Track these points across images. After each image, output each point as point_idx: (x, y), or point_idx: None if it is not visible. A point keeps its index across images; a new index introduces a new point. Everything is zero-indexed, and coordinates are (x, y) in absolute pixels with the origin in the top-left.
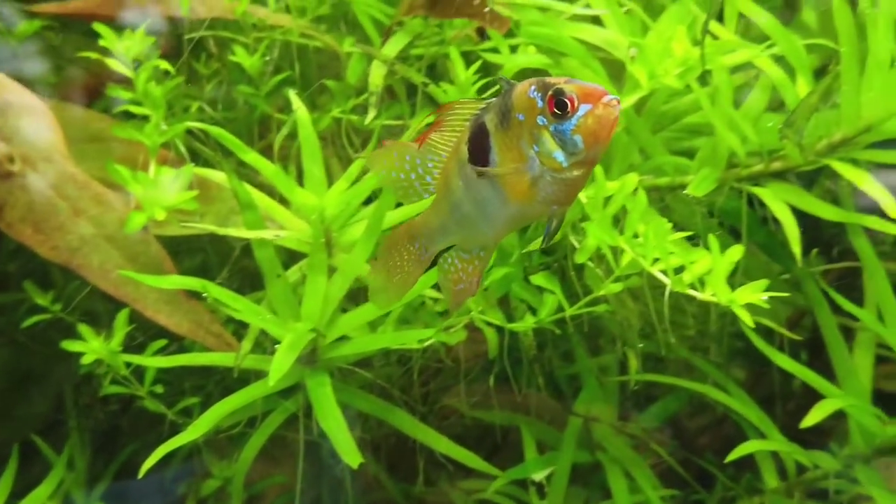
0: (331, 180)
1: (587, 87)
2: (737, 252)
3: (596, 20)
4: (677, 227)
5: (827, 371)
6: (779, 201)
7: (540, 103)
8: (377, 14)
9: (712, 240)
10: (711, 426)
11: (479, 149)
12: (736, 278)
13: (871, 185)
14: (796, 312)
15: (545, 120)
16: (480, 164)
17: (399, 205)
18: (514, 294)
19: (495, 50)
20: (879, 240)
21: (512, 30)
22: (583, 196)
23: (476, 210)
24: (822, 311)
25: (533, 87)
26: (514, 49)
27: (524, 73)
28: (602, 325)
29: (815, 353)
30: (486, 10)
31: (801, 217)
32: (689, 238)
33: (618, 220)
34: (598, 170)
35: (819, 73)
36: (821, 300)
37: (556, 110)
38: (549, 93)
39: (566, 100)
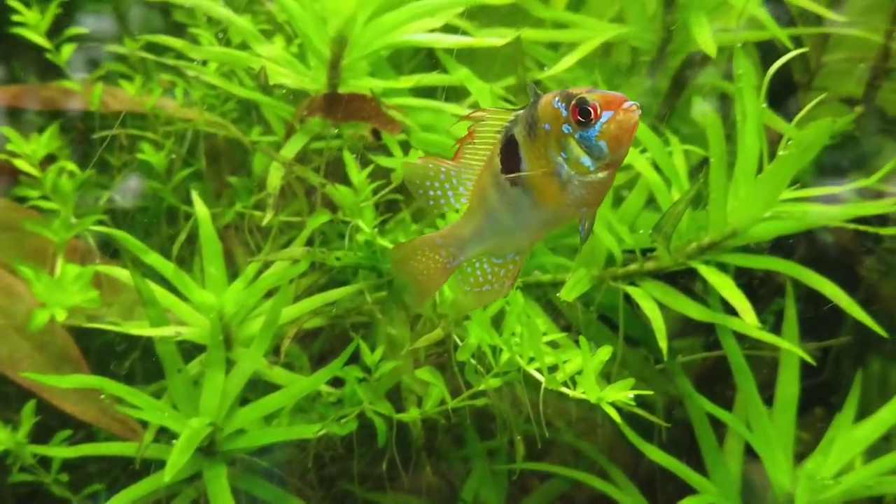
0: (235, 268)
1: (608, 95)
2: (605, 353)
3: None
4: (559, 322)
5: None
6: (648, 300)
7: (564, 113)
8: (283, 113)
9: (583, 341)
10: (603, 497)
11: (510, 159)
12: (614, 368)
13: (731, 291)
14: (671, 400)
15: (570, 128)
16: (512, 174)
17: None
18: (404, 385)
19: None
20: None
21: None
22: None
23: (511, 217)
24: (692, 402)
25: (557, 99)
26: (406, 150)
27: None
28: (492, 411)
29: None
30: (380, 114)
31: None
32: (571, 331)
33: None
34: None
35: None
36: (691, 391)
37: (580, 118)
38: (573, 102)
39: (590, 108)
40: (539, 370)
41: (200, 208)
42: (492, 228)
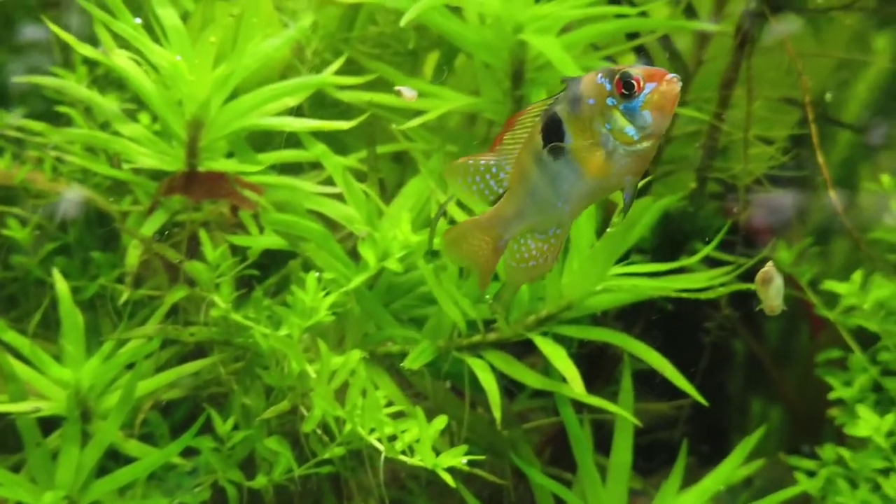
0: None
1: (650, 69)
2: (441, 422)
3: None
4: (408, 389)
5: None
6: (485, 370)
7: (608, 87)
8: (149, 188)
9: (418, 411)
10: None
11: (553, 136)
12: (462, 433)
13: (562, 361)
14: None
15: (615, 101)
16: (557, 149)
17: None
18: (258, 453)
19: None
20: None
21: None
22: (311, 370)
23: (553, 191)
24: (534, 473)
25: (600, 75)
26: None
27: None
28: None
29: None
30: (235, 192)
31: None
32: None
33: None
34: (324, 346)
35: None
36: (530, 459)
37: (624, 91)
38: (617, 77)
39: (633, 81)
40: (380, 440)
41: (60, 284)
42: (534, 205)
